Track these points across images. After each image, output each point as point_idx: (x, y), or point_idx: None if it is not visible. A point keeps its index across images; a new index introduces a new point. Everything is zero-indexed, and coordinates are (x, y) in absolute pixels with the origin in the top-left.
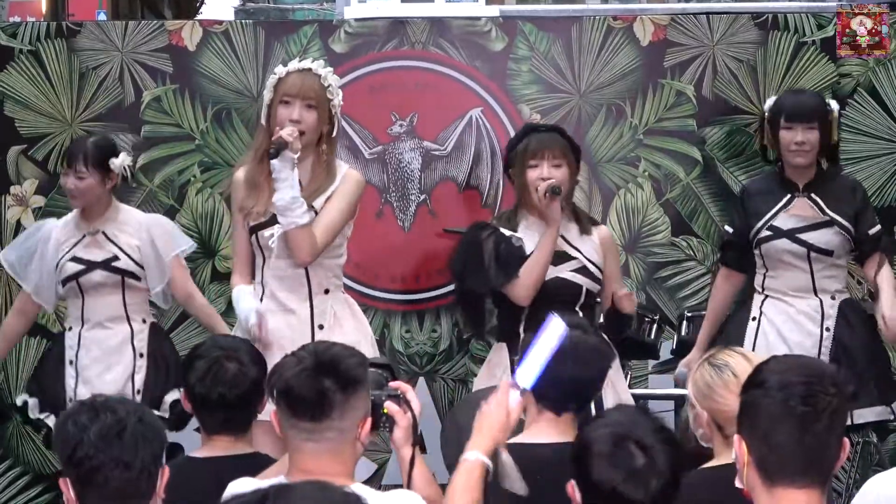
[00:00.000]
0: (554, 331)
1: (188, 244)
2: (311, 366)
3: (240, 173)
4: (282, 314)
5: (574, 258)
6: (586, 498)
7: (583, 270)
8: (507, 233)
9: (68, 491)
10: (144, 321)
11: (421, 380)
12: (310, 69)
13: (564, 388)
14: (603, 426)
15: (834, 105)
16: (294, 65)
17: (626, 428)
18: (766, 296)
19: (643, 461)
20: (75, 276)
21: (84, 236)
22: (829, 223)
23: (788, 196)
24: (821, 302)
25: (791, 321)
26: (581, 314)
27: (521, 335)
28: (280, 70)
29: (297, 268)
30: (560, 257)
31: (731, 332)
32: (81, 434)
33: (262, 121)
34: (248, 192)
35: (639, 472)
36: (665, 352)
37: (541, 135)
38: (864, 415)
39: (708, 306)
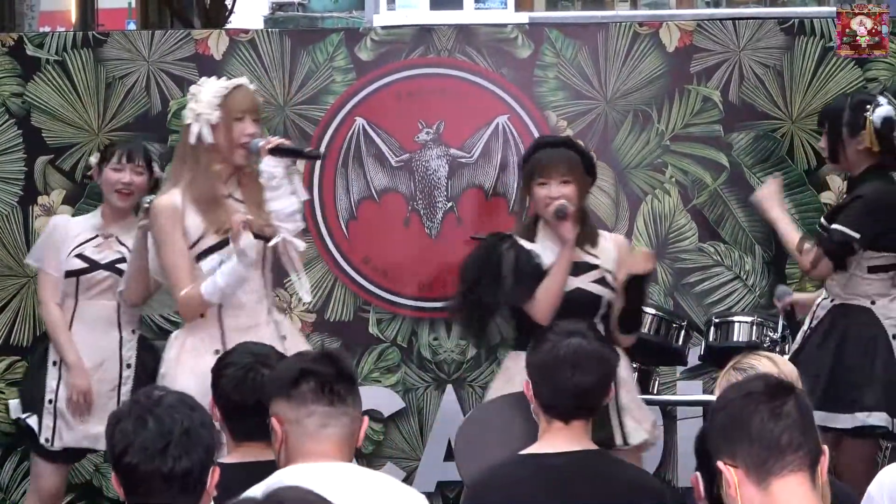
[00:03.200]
0: None
1: None
2: (320, 356)
3: (173, 199)
4: (253, 330)
5: (595, 267)
6: (710, 487)
7: (602, 281)
8: (528, 245)
9: (119, 488)
10: (134, 332)
11: (449, 387)
12: (242, 84)
13: (569, 397)
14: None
15: (880, 113)
16: (229, 81)
17: None
18: None
19: None
20: (77, 274)
21: (97, 236)
22: None
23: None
24: None
25: None
26: (601, 325)
27: None
28: (214, 88)
29: (262, 279)
30: (580, 268)
31: None
32: (125, 442)
33: (209, 139)
34: (205, 213)
35: None
36: (693, 358)
37: (549, 151)
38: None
39: None
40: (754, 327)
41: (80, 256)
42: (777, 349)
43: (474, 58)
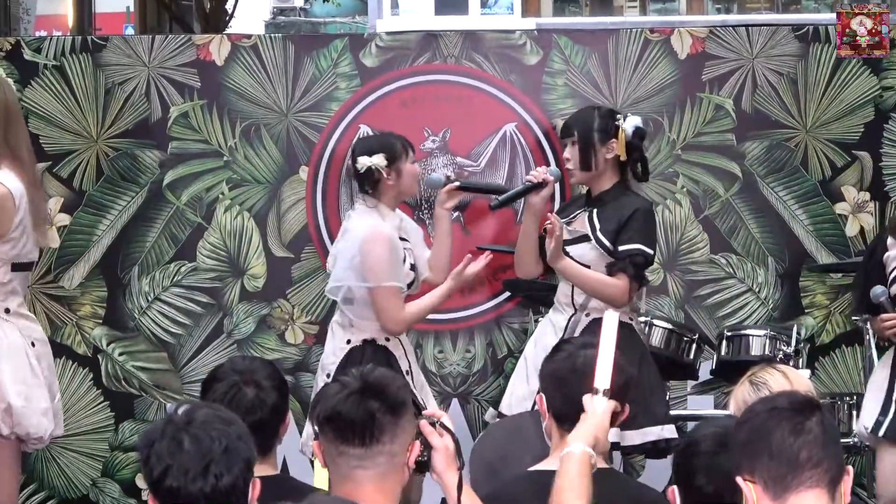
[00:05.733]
0: (610, 326)
1: None
2: (358, 389)
3: None
4: None
5: None
6: (686, 501)
7: None
8: None
9: None
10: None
11: (454, 401)
12: None
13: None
14: (710, 428)
15: (631, 122)
16: None
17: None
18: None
19: None
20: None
21: None
22: (587, 238)
23: (580, 210)
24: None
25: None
26: None
27: None
28: None
29: None
30: None
31: None
32: (163, 466)
33: None
34: None
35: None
36: (704, 372)
37: None
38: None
39: None
40: (767, 341)
41: None
42: (791, 363)
43: (481, 64)
